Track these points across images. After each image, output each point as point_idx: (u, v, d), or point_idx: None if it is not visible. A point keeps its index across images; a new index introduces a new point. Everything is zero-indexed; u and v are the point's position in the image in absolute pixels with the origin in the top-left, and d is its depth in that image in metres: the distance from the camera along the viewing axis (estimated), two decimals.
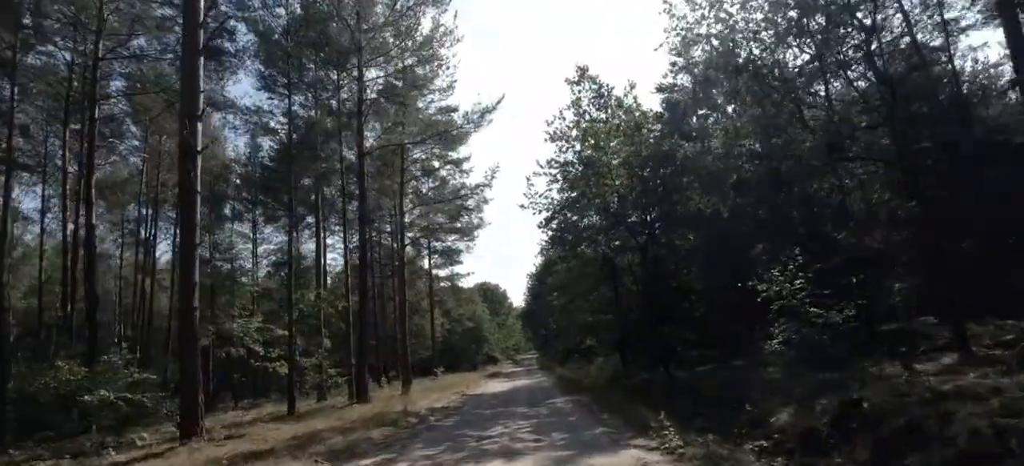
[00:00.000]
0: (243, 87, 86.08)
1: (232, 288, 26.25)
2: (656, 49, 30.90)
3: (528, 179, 23.45)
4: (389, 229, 34.60)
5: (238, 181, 34.74)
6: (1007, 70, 26.63)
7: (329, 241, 41.10)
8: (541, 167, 22.97)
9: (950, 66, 23.10)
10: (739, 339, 21.02)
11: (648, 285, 23.25)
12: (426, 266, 40.98)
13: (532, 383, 27.97)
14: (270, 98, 24.37)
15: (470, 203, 28.39)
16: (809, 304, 10.78)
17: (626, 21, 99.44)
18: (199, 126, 11.22)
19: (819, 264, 11.06)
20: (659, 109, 26.51)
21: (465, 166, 27.97)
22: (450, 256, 41.07)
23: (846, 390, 9.25)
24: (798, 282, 10.86)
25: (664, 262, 23.31)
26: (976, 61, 26.11)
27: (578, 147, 20.76)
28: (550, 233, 24.50)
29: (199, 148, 11.10)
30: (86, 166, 20.40)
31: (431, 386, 27.89)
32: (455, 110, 27.06)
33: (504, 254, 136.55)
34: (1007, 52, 26.17)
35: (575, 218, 23.51)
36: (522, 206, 23.75)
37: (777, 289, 11.33)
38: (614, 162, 20.22)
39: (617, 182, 18.69)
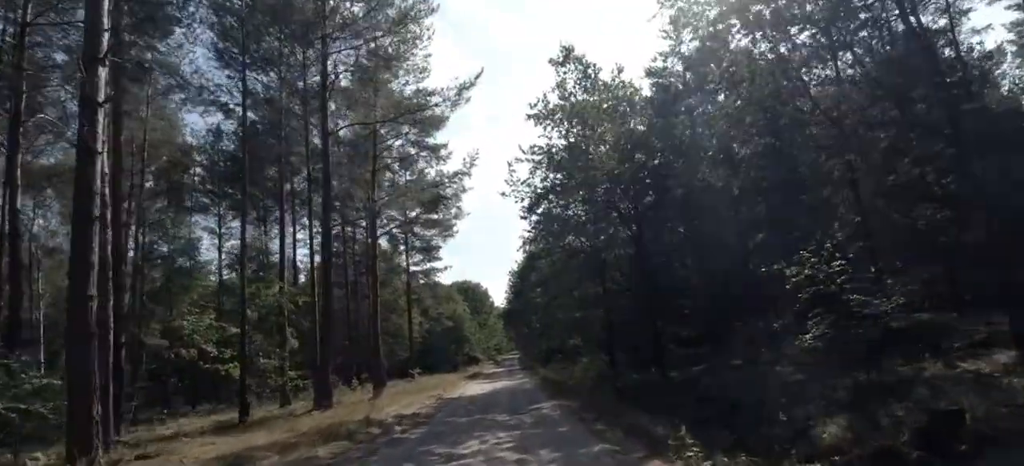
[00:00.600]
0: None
1: (186, 283, 23.47)
2: (650, 19, 28.94)
3: (510, 165, 21.39)
4: (364, 224, 32.20)
5: (201, 171, 31.97)
6: (1009, 55, 25.45)
7: (300, 235, 38.55)
8: (524, 152, 20.98)
9: (955, 51, 21.72)
10: (739, 336, 19.24)
11: (639, 278, 21.37)
12: (404, 263, 38.56)
13: (514, 385, 25.87)
14: (230, 76, 21.87)
15: (448, 192, 26.13)
16: (850, 290, 8.80)
17: (626, 21, 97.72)
18: (103, 72, 8.90)
19: (861, 243, 9.07)
20: (648, 93, 24.71)
21: (442, 153, 25.77)
22: (429, 252, 38.78)
23: (904, 395, 7.32)
24: (837, 265, 8.89)
25: (657, 253, 21.44)
26: (971, 48, 24.90)
27: (564, 128, 18.78)
28: (533, 222, 22.45)
29: (101, 99, 8.78)
30: (9, 144, 17.78)
31: (405, 389, 25.61)
32: (433, 94, 24.88)
33: (486, 255, 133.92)
34: (1013, 36, 24.95)
35: (560, 208, 21.52)
36: (503, 194, 21.58)
37: (810, 273, 9.37)
38: (603, 147, 18.32)
39: (609, 163, 16.71)
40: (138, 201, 25.85)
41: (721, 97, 22.87)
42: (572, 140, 18.82)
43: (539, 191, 19.79)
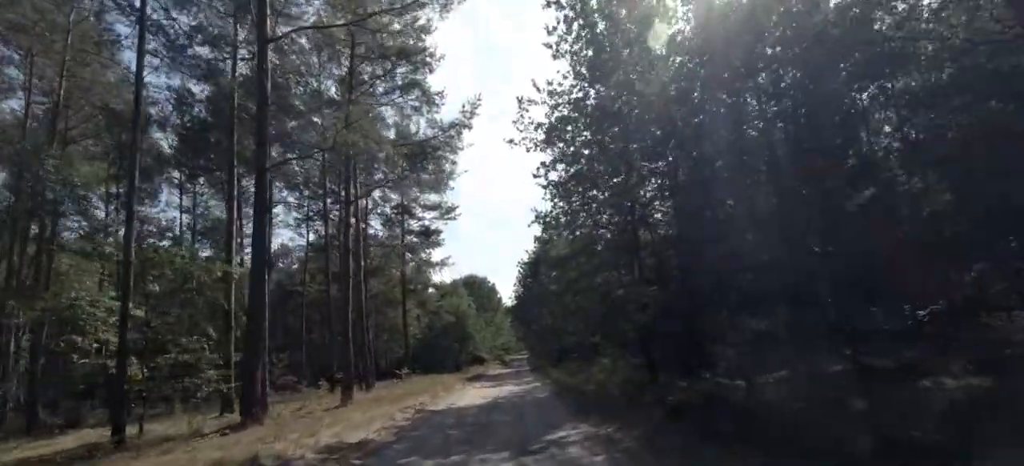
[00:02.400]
0: None
1: (90, 249, 17.31)
2: None
3: (520, 102, 15.46)
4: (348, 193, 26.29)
5: (161, 136, 26.31)
6: None
7: (285, 216, 32.69)
8: (538, 90, 15.04)
9: None
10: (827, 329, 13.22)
11: (687, 254, 15.38)
12: (400, 248, 32.58)
13: (521, 391, 19.84)
14: None
15: (440, 142, 19.75)
16: None
17: None
18: None
19: None
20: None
21: (437, 100, 19.53)
22: (427, 237, 32.89)
23: None
24: None
25: (711, 227, 15.39)
26: None
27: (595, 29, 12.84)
28: (552, 180, 16.47)
29: None
30: None
31: (385, 394, 19.67)
32: (427, 30, 19.06)
33: (495, 256, 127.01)
34: None
35: (585, 155, 15.55)
36: (511, 141, 15.78)
37: None
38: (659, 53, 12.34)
39: (666, 69, 10.75)
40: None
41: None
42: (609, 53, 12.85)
43: (564, 116, 13.82)
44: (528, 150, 16.38)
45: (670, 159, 15.26)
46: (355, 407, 15.68)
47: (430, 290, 39.61)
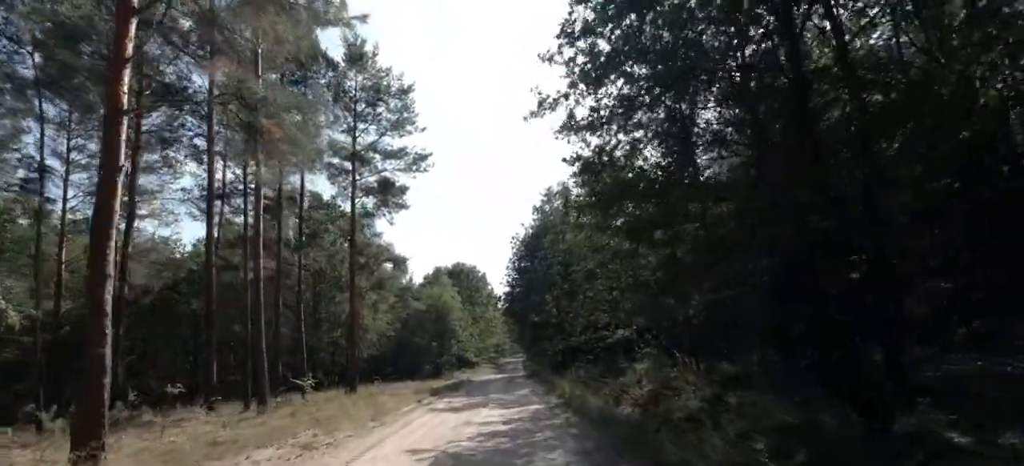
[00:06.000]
0: None
1: None
2: None
3: None
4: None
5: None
6: None
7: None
8: None
9: None
10: None
11: None
12: (349, 211, 22.34)
13: (511, 430, 9.65)
14: None
15: None
16: None
17: None
18: None
19: None
20: None
21: None
22: (386, 194, 22.76)
23: None
24: None
25: None
26: None
27: None
28: None
29: None
30: None
31: (240, 435, 9.46)
32: None
33: (489, 246, 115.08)
34: None
35: None
36: None
37: None
38: None
39: None
40: None
41: None
42: None
43: None
44: None
45: None
46: None
47: (387, 264, 29.04)
